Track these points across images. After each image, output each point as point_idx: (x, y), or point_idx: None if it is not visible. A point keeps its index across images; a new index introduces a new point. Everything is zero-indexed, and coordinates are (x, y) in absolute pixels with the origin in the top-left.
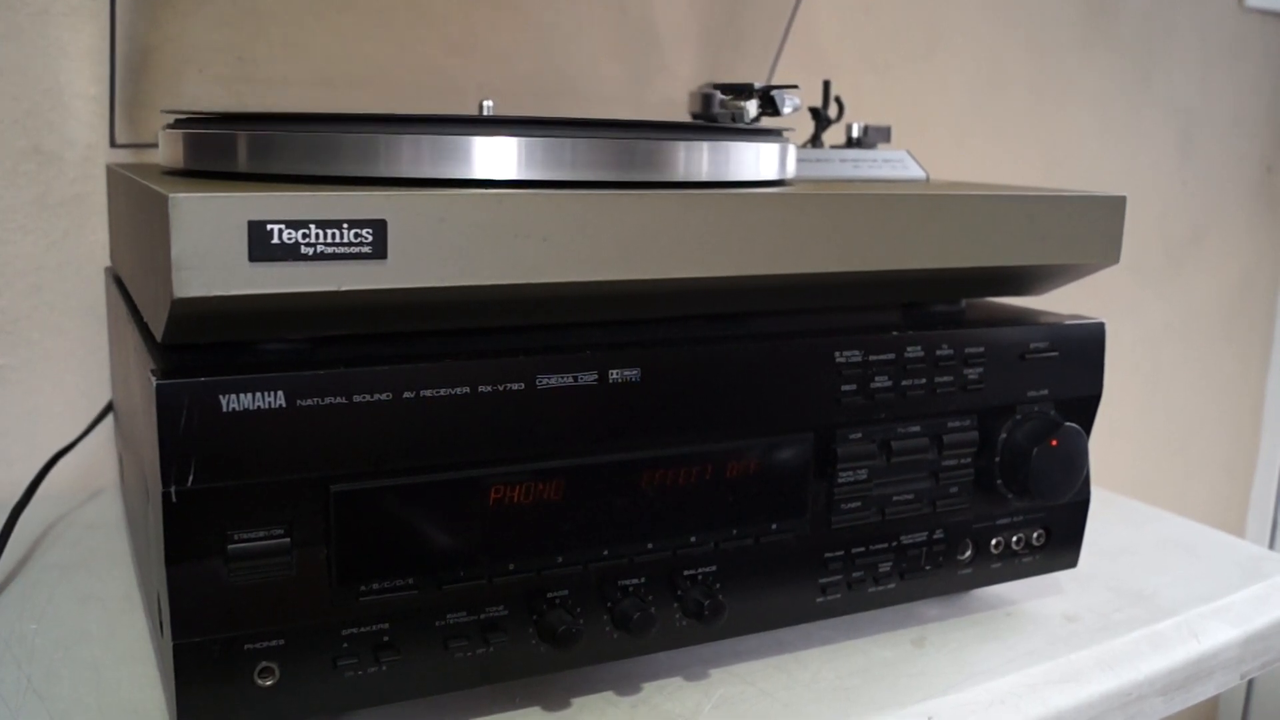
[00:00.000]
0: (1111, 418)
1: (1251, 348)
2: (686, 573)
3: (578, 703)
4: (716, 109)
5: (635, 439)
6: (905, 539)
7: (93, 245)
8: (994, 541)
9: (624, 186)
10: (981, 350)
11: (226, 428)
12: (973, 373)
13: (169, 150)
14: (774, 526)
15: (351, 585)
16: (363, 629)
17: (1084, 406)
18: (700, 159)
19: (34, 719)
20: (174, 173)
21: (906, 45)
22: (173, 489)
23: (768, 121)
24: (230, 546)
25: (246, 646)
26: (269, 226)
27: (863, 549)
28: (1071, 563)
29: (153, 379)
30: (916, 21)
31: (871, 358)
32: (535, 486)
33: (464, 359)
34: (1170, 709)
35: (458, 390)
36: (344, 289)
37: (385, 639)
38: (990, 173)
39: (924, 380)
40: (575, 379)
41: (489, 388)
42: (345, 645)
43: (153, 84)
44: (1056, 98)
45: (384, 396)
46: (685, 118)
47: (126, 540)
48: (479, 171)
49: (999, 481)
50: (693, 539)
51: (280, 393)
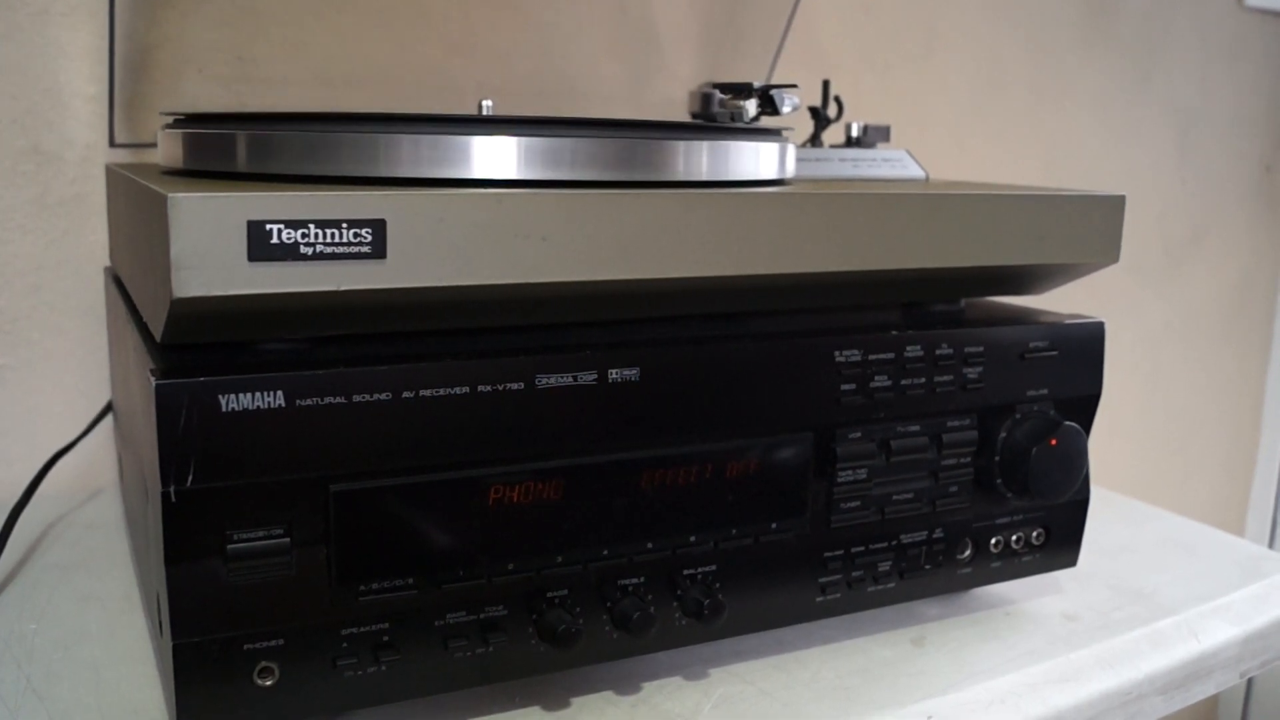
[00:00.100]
0: (1111, 417)
1: (1251, 347)
2: (686, 572)
3: (577, 702)
4: (716, 108)
5: (635, 439)
6: (905, 538)
7: (92, 245)
8: (993, 541)
9: (623, 186)
10: (981, 350)
11: (226, 427)
12: (972, 372)
13: (168, 150)
14: (774, 526)
15: (351, 585)
16: (362, 629)
17: (1083, 406)
18: (700, 158)
19: (34, 719)
20: (173, 172)
21: (906, 45)
22: (172, 489)
23: (767, 121)
24: (230, 546)
25: (246, 646)
26: (268, 226)
27: (862, 548)
28: (1071, 562)
29: (152, 379)
30: (916, 21)
31: (871, 357)
32: (535, 486)
33: (463, 359)
34: (1170, 708)
35: (457, 390)
36: (343, 289)
37: (385, 639)
38: (990, 172)
39: (923, 380)
40: (575, 379)
41: (488, 387)
42: (345, 645)
43: (152, 84)
44: (1056, 97)
45: (383, 396)
46: (685, 117)
47: (126, 540)
48: (478, 171)
49: (998, 481)
50: (692, 538)
51: (279, 393)
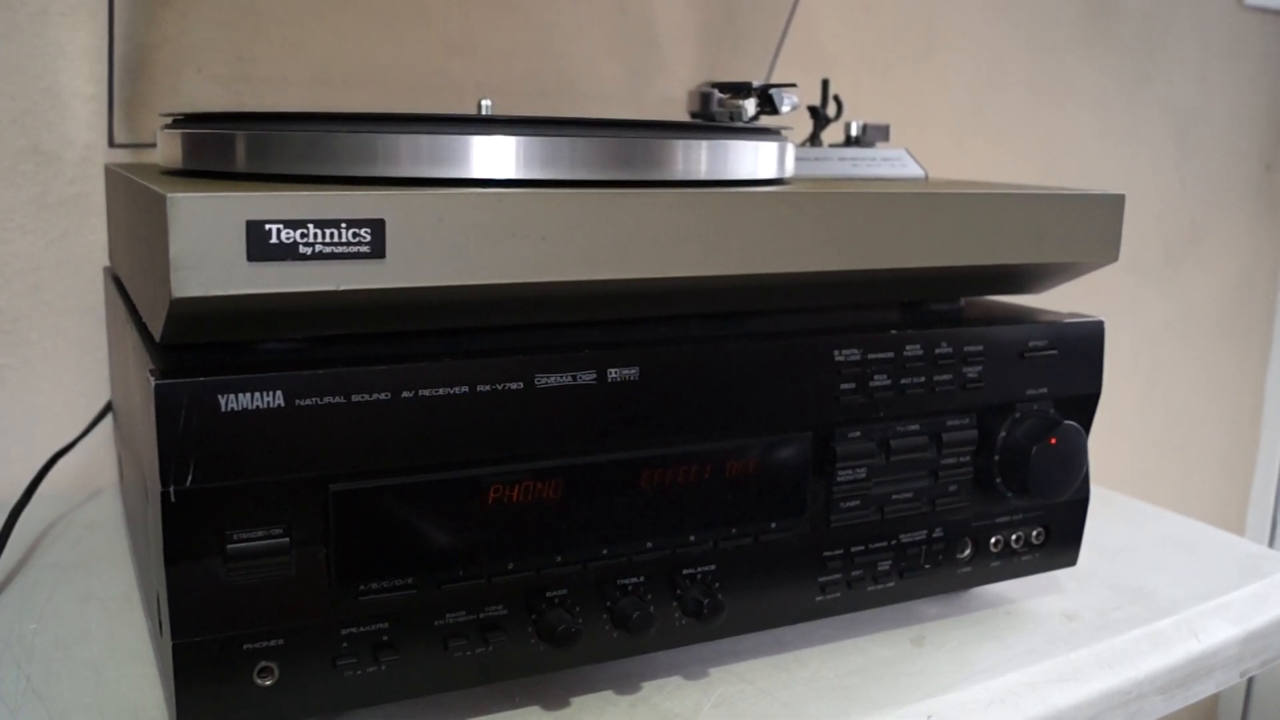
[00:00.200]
0: (1111, 416)
1: (1251, 346)
2: (686, 572)
3: (577, 702)
4: (715, 108)
5: (634, 438)
6: (904, 537)
7: (91, 245)
8: (993, 540)
9: (622, 186)
10: (980, 349)
11: (225, 427)
12: (972, 371)
13: (167, 150)
14: (773, 525)
15: (350, 585)
16: (362, 629)
17: (1083, 405)
18: (699, 158)
19: (33, 719)
20: (172, 172)
21: (906, 44)
22: (171, 489)
23: (766, 120)
24: (229, 546)
25: (246, 646)
26: (267, 226)
27: (862, 548)
28: (1071, 561)
29: (151, 379)
30: (916, 20)
31: (870, 356)
32: (534, 486)
33: (462, 358)
34: (1170, 707)
35: (456, 390)
36: (342, 288)
37: (384, 638)
38: (989, 172)
39: (923, 379)
40: (574, 378)
41: (487, 387)
42: (344, 645)
43: (151, 84)
44: (1056, 97)
45: (382, 396)
46: (684, 117)
47: (126, 540)
48: (477, 171)
49: (998, 480)
50: (692, 538)
51: (279, 392)
